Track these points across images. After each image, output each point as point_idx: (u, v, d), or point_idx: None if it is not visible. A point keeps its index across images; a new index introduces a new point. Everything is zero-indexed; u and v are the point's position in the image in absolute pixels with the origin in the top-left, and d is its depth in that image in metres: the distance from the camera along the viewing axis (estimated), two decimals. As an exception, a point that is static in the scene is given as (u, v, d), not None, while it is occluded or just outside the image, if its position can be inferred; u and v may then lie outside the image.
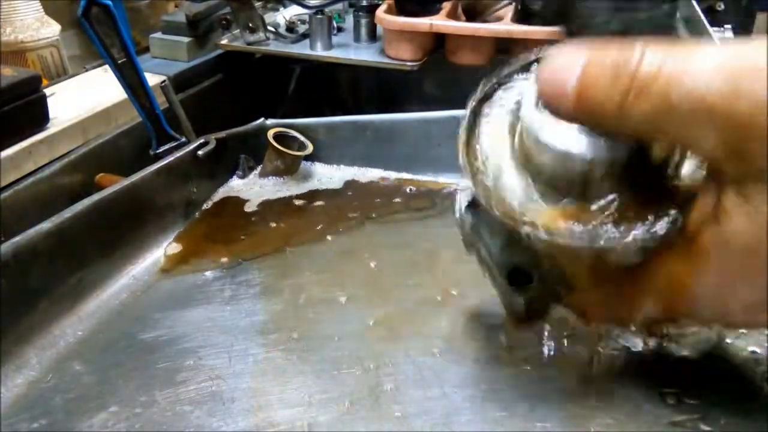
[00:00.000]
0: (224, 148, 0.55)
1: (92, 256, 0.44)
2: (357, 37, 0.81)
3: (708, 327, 0.32)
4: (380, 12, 0.75)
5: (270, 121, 0.58)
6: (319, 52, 0.79)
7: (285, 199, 0.54)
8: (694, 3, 0.84)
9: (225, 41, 0.81)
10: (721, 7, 0.96)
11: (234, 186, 0.56)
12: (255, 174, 0.57)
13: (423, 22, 0.72)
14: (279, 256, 0.47)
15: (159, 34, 0.81)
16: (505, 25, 0.73)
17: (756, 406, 0.31)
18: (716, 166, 0.24)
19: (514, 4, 0.74)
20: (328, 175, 0.58)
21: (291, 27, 0.83)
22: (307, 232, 0.49)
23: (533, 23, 0.71)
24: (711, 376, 0.32)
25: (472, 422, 0.32)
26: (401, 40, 0.74)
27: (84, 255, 0.43)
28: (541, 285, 0.31)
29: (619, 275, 0.28)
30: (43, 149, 0.59)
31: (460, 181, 0.30)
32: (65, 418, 0.34)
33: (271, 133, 0.55)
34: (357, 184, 0.56)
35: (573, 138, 0.26)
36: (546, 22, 0.68)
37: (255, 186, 0.56)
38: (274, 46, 0.80)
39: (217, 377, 0.36)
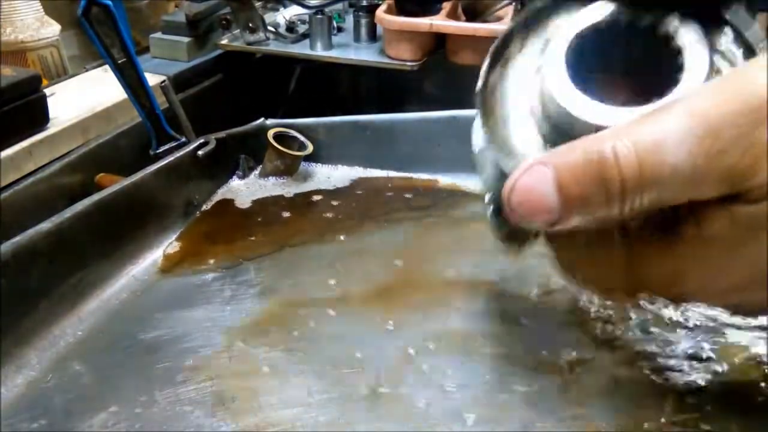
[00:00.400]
0: (224, 148, 0.55)
1: (92, 256, 0.44)
2: (357, 37, 0.81)
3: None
4: (380, 12, 0.75)
5: (270, 121, 0.58)
6: (319, 52, 0.79)
7: (285, 200, 0.54)
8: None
9: (225, 41, 0.80)
10: (721, 7, 0.96)
11: (234, 186, 0.56)
12: (255, 174, 0.57)
13: (423, 22, 0.72)
14: (279, 256, 0.47)
15: (159, 34, 0.80)
16: (505, 25, 0.73)
17: (756, 406, 0.31)
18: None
19: (514, 4, 0.74)
20: (328, 175, 0.58)
21: (291, 27, 0.83)
22: (307, 232, 0.49)
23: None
24: (711, 376, 0.32)
25: (472, 422, 0.32)
26: (401, 40, 0.74)
27: (84, 255, 0.43)
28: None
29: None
30: (43, 149, 0.59)
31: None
32: (65, 418, 0.34)
33: (271, 133, 0.55)
34: (357, 184, 0.56)
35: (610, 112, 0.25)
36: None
37: (255, 186, 0.56)
38: (274, 46, 0.80)
39: (217, 377, 0.36)
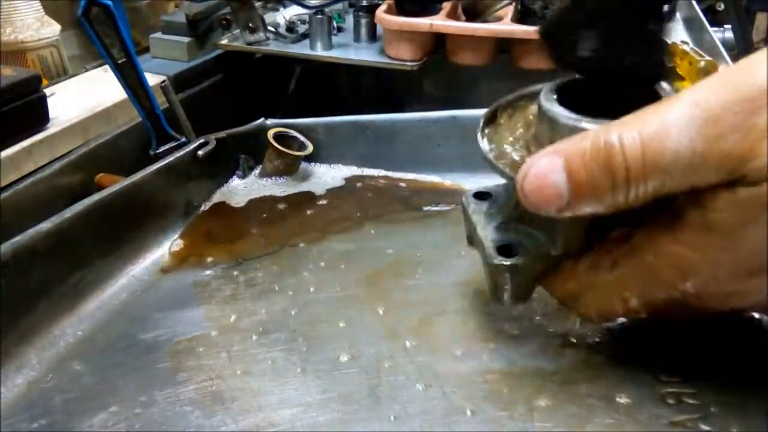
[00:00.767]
0: (224, 148, 0.55)
1: (92, 256, 0.44)
2: (357, 37, 0.81)
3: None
4: (380, 12, 0.75)
5: (270, 121, 0.58)
6: (319, 52, 0.79)
7: (285, 199, 0.54)
8: (695, 3, 0.84)
9: (225, 41, 0.81)
10: (721, 7, 0.96)
11: (234, 186, 0.56)
12: (255, 174, 0.57)
13: (423, 22, 0.72)
14: (279, 256, 0.47)
15: (159, 34, 0.80)
16: (505, 25, 0.73)
17: (756, 405, 0.31)
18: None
19: (514, 4, 0.74)
20: (328, 175, 0.58)
21: (291, 27, 0.83)
22: (307, 232, 0.49)
23: (533, 23, 0.71)
24: (711, 376, 0.32)
25: (472, 422, 0.32)
26: (401, 40, 0.74)
27: (84, 255, 0.43)
28: (527, 257, 0.32)
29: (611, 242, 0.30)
30: (43, 149, 0.59)
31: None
32: (65, 418, 0.34)
33: (271, 133, 0.55)
34: (357, 184, 0.56)
35: None
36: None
37: (255, 186, 0.56)
38: (274, 46, 0.80)
39: (217, 377, 0.36)
